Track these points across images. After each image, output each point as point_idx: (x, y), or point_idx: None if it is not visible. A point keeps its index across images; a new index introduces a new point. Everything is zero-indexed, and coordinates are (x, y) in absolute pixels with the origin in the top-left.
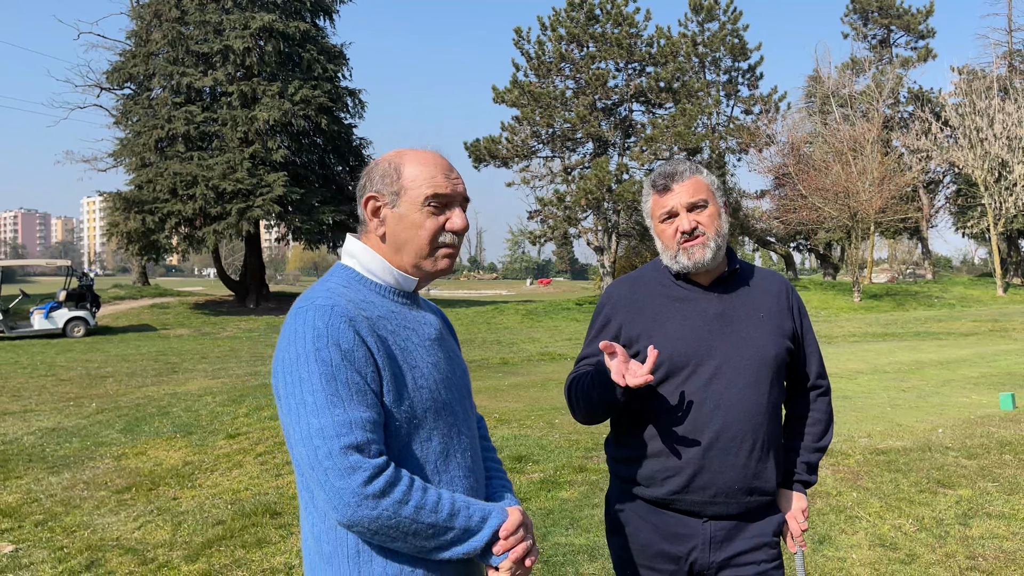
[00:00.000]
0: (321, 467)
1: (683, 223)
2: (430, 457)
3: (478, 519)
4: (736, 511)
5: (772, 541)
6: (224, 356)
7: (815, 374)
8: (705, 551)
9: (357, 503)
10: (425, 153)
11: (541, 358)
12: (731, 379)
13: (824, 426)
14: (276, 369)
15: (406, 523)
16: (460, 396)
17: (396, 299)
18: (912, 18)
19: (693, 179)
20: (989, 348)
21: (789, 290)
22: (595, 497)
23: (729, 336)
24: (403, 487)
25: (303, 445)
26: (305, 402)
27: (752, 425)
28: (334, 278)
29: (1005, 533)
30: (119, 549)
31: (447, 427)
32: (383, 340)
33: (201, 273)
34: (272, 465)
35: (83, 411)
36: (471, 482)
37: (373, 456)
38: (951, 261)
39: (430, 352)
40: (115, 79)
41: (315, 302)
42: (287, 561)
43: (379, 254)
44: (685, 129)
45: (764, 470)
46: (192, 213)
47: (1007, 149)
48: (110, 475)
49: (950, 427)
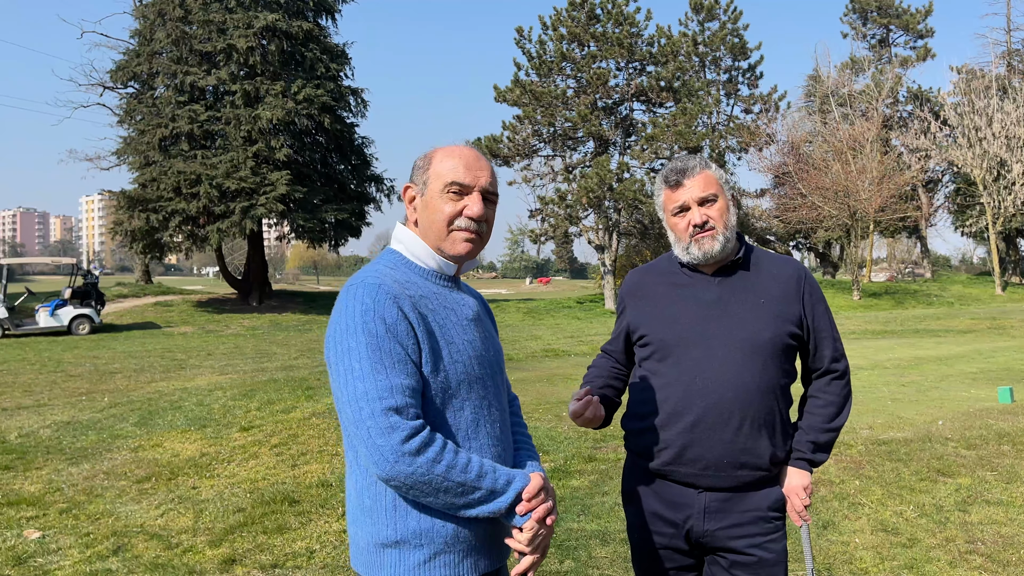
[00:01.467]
0: (364, 426)
1: (695, 216)
2: (462, 425)
3: (503, 482)
4: (728, 484)
5: (768, 515)
6: (230, 353)
7: (829, 358)
8: (700, 520)
9: (396, 459)
10: (455, 148)
11: (545, 354)
12: (722, 360)
13: (836, 408)
14: (328, 340)
15: (437, 480)
16: (492, 372)
17: (438, 282)
18: (911, 18)
19: (703, 174)
20: (987, 345)
21: (802, 277)
22: (605, 485)
23: (723, 320)
24: (436, 448)
25: (349, 406)
26: (352, 369)
27: (740, 403)
28: (383, 261)
29: (1003, 519)
30: (144, 535)
31: (478, 399)
32: (423, 317)
33: (200, 272)
34: (287, 456)
35: (96, 405)
36: (499, 450)
37: (411, 419)
38: (950, 260)
39: (466, 331)
40: (119, 78)
41: (364, 280)
42: (308, 546)
43: (424, 241)
44: (686, 128)
45: (755, 446)
46: (196, 211)
47: (1006, 148)
48: (129, 465)
49: (949, 419)
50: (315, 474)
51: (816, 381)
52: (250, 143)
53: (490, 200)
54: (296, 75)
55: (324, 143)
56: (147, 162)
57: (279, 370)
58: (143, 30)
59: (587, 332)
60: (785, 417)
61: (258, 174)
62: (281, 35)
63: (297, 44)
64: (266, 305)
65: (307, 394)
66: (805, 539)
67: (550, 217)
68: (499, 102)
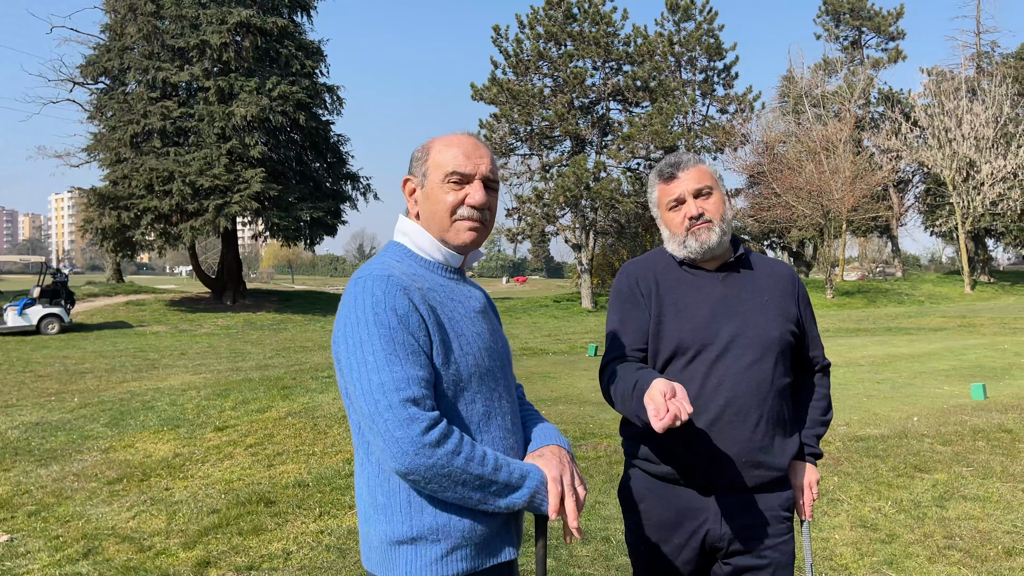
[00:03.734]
0: (381, 418)
1: (691, 208)
2: (474, 418)
3: (518, 476)
4: (744, 485)
5: (782, 515)
6: (203, 352)
7: (820, 355)
8: (717, 524)
9: (415, 451)
10: (453, 137)
11: (523, 353)
12: (736, 357)
13: (827, 402)
14: (337, 332)
15: (457, 472)
16: (502, 364)
17: (444, 274)
18: (883, 20)
19: (697, 167)
20: (958, 342)
21: (796, 278)
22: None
23: (734, 318)
24: (456, 439)
25: (364, 399)
26: (366, 361)
27: (757, 400)
28: (388, 253)
29: (980, 514)
30: (115, 537)
31: (489, 391)
32: (433, 309)
33: (174, 271)
34: (263, 456)
35: (66, 406)
36: (511, 442)
37: (428, 409)
38: (920, 259)
39: (475, 323)
40: (89, 73)
41: (373, 272)
42: (285, 547)
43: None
44: (662, 128)
45: (771, 445)
46: (168, 209)
47: (975, 149)
48: (99, 467)
49: (924, 416)
50: (291, 474)
51: (807, 378)
52: (224, 140)
53: (491, 188)
54: (271, 72)
55: (299, 140)
56: (118, 159)
57: (254, 369)
58: (114, 25)
59: (564, 331)
60: (792, 415)
61: (232, 172)
62: (255, 31)
63: (272, 40)
64: (240, 304)
65: (283, 393)
66: (806, 534)
67: (527, 216)
68: (476, 100)
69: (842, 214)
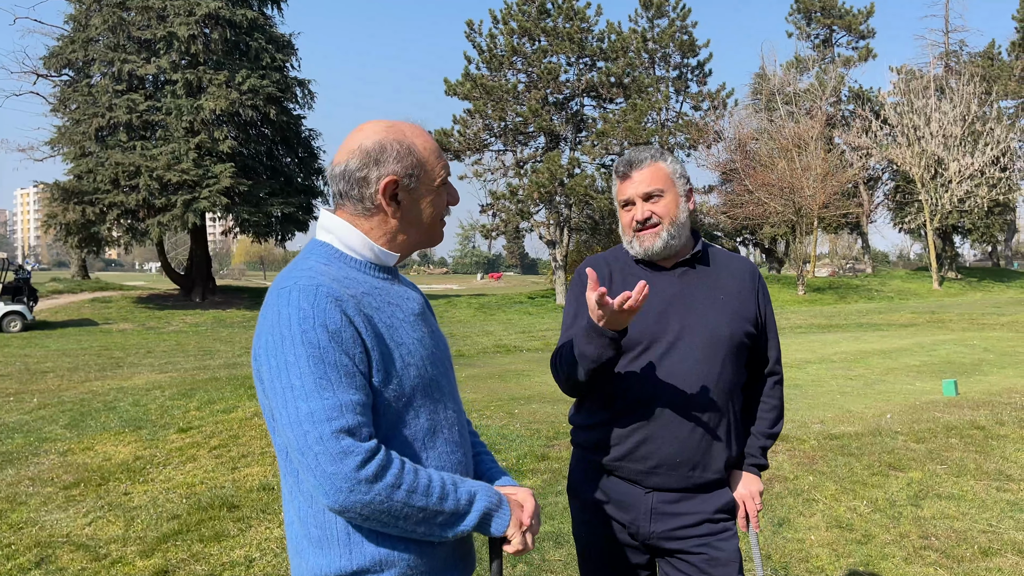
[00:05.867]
0: (311, 452)
1: (637, 212)
2: (418, 435)
3: (465, 501)
4: (678, 484)
5: (716, 517)
6: (171, 350)
7: (773, 360)
8: (646, 521)
9: (350, 488)
10: (420, 131)
11: (496, 350)
12: (683, 355)
13: (778, 412)
14: (259, 352)
15: (398, 507)
16: (445, 371)
17: (377, 275)
18: (853, 19)
19: (652, 167)
20: (928, 338)
21: (755, 275)
22: (559, 484)
23: (685, 316)
24: (395, 470)
25: (291, 430)
26: (292, 386)
27: (701, 400)
28: (313, 256)
29: (955, 513)
30: (70, 545)
31: (433, 403)
32: (369, 318)
33: (143, 267)
34: (227, 459)
35: (24, 406)
36: (459, 456)
37: (364, 440)
38: (888, 256)
39: (415, 328)
40: (52, 65)
41: (298, 282)
42: (247, 554)
43: (358, 229)
44: (635, 124)
45: (710, 447)
46: (135, 204)
47: (943, 147)
48: (56, 471)
49: (897, 412)
50: (256, 477)
51: (759, 383)
52: (192, 134)
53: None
54: (240, 65)
55: (270, 135)
56: (83, 153)
57: (222, 368)
58: (78, 15)
59: (538, 327)
60: (739, 418)
61: (201, 166)
62: (224, 23)
63: (241, 33)
64: (210, 301)
65: (250, 393)
66: (755, 546)
67: (501, 212)
68: (450, 95)
69: (813, 211)
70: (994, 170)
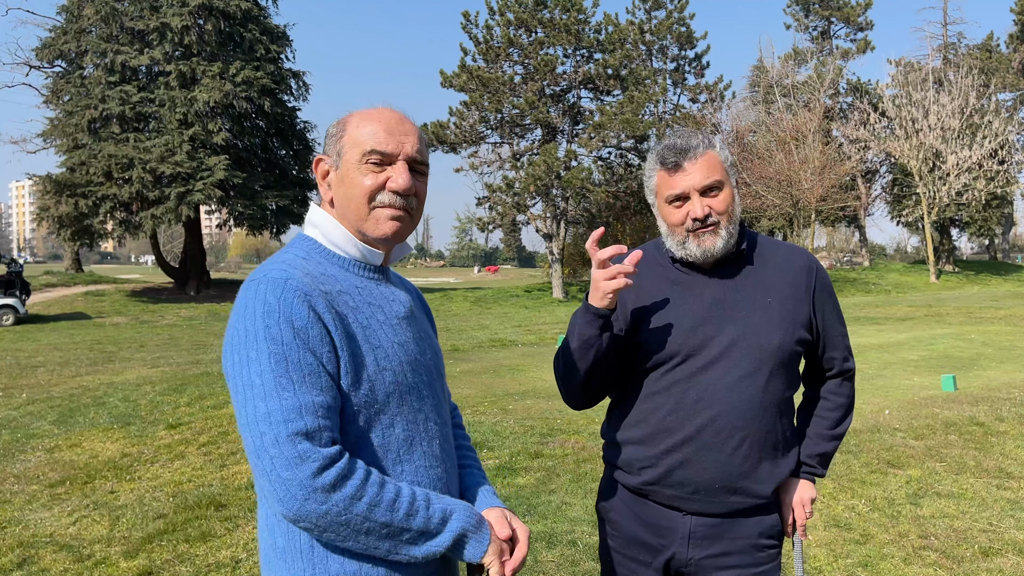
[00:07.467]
0: (267, 455)
1: (696, 210)
2: (392, 445)
3: (438, 520)
4: (719, 510)
5: (761, 543)
6: (164, 345)
7: (840, 359)
8: (684, 547)
9: (304, 496)
10: (373, 110)
11: (492, 345)
12: (724, 370)
13: (844, 411)
14: (225, 348)
15: (357, 521)
16: (429, 379)
17: (362, 273)
18: (851, 11)
19: (707, 156)
20: (926, 332)
21: (813, 269)
22: (551, 483)
23: (727, 324)
24: (357, 481)
25: (248, 430)
26: (252, 384)
27: (743, 420)
28: (293, 249)
29: (955, 512)
30: (53, 546)
31: (412, 412)
32: (342, 317)
33: (138, 260)
34: (216, 456)
35: (12, 402)
36: (439, 472)
37: (324, 445)
38: (885, 249)
39: (397, 331)
40: (44, 56)
41: (268, 274)
42: (233, 555)
43: (341, 224)
44: (632, 116)
45: (755, 470)
46: (128, 197)
47: (941, 140)
48: (42, 468)
49: (896, 408)
50: (245, 475)
51: (822, 383)
52: (186, 126)
53: (418, 171)
54: (234, 56)
55: (264, 127)
56: (75, 145)
57: (214, 362)
58: (71, 6)
59: (535, 321)
60: (789, 435)
61: (195, 159)
62: (218, 14)
63: (235, 24)
64: (204, 295)
65: None
66: (798, 556)
67: (498, 205)
68: (446, 87)
69: (811, 204)
70: (992, 163)
